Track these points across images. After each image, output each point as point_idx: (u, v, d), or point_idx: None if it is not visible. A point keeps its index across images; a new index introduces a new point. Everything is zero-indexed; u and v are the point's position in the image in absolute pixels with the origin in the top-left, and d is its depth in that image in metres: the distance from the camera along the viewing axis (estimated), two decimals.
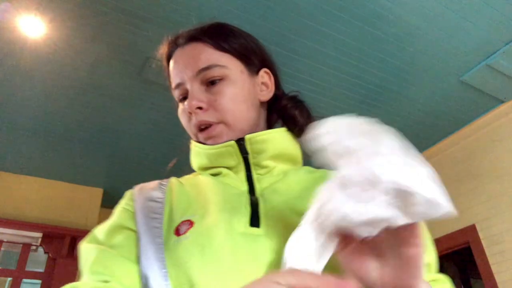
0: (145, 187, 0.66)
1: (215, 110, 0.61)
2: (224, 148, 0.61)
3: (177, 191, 0.62)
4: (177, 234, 0.53)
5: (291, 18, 2.00)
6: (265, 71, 0.68)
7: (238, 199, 0.57)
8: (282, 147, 0.63)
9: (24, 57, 2.18)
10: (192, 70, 0.62)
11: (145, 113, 2.68)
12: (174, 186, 0.64)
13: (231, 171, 0.62)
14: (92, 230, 0.61)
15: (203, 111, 0.61)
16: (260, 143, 0.61)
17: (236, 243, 0.50)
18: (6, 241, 3.14)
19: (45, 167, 3.27)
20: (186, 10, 1.96)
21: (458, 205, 2.04)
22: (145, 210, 0.59)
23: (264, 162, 0.61)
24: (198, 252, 0.50)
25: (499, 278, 2.56)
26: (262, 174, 0.62)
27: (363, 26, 2.07)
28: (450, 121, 2.91)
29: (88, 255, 0.53)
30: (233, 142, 0.60)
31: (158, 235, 0.54)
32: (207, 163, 0.64)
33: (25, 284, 3.31)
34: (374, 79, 2.45)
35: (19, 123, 2.73)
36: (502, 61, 2.32)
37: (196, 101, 0.60)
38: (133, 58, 2.23)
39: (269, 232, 0.51)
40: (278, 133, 0.63)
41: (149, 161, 3.27)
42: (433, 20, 2.05)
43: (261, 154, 0.61)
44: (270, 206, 0.55)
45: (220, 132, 0.61)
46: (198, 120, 0.61)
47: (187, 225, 0.54)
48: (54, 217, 3.31)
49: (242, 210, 0.55)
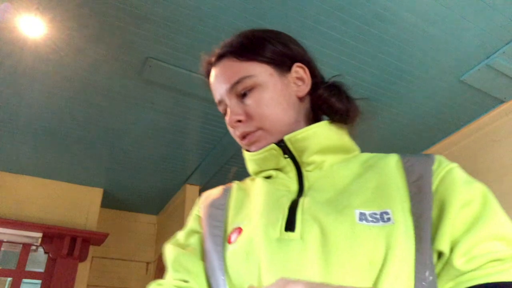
0: (212, 193, 0.71)
1: (252, 120, 0.63)
2: (267, 152, 0.63)
3: (234, 198, 0.67)
4: (229, 242, 0.58)
5: (291, 18, 2.00)
6: (298, 66, 0.67)
7: (278, 203, 0.58)
8: (325, 141, 0.62)
9: (24, 57, 2.18)
10: (225, 87, 0.65)
11: (145, 113, 2.68)
12: (234, 192, 0.68)
13: (281, 172, 0.64)
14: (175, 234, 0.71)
15: (242, 123, 0.64)
16: (300, 141, 0.61)
17: (271, 250, 0.51)
18: (6, 241, 3.14)
19: (45, 167, 3.27)
20: (186, 10, 1.96)
21: None
22: (208, 216, 0.65)
23: (310, 159, 0.62)
24: (244, 259, 0.53)
25: None
26: (310, 170, 0.62)
27: (363, 26, 2.07)
28: (450, 121, 2.91)
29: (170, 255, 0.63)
30: (274, 145, 0.62)
31: (218, 243, 0.58)
32: (256, 168, 0.67)
33: (25, 284, 3.31)
34: (374, 79, 2.45)
35: (19, 123, 2.73)
36: (502, 61, 2.32)
37: (233, 115, 0.63)
38: (133, 58, 2.23)
39: (304, 235, 0.52)
40: (318, 127, 0.62)
41: (149, 161, 3.27)
42: (433, 20, 2.05)
43: (304, 151, 0.62)
44: (308, 207, 0.55)
45: (258, 138, 0.64)
46: (240, 132, 0.65)
47: (237, 232, 0.58)
48: (54, 217, 3.31)
49: (280, 214, 0.56)
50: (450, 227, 0.48)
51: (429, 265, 0.47)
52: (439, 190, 0.52)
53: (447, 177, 0.53)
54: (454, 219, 0.49)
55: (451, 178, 0.53)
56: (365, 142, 2.62)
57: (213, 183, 3.61)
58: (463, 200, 0.50)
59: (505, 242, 0.47)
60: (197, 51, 2.20)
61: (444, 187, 0.52)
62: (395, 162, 0.59)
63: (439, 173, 0.54)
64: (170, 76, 2.35)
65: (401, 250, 0.48)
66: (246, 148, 0.67)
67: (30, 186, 3.34)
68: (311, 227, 0.52)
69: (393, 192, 0.54)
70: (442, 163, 0.56)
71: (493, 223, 0.47)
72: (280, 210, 0.56)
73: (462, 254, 0.46)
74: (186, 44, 2.15)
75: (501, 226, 0.48)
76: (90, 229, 3.40)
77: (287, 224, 0.54)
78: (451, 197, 0.50)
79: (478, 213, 0.49)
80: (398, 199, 0.53)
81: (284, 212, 0.56)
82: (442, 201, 0.51)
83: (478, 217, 0.48)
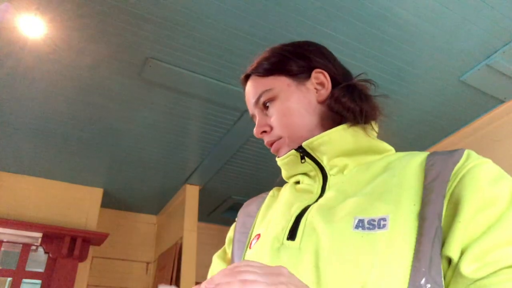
0: (251, 200, 0.77)
1: (274, 129, 0.68)
2: (288, 158, 0.66)
3: (265, 204, 0.72)
4: (250, 248, 0.62)
5: (291, 18, 2.00)
6: (317, 72, 0.69)
7: (290, 211, 0.61)
8: (341, 145, 0.62)
9: (24, 57, 2.18)
10: (252, 102, 0.71)
11: (145, 113, 2.68)
12: (267, 199, 0.73)
13: (307, 177, 0.66)
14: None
15: (267, 133, 0.69)
16: (317, 146, 0.63)
17: (271, 258, 0.54)
18: (6, 241, 3.14)
19: (45, 167, 3.27)
20: (186, 10, 1.96)
21: None
22: (240, 224, 0.70)
23: (331, 162, 0.63)
24: None
25: None
26: (334, 174, 0.63)
27: (363, 26, 2.07)
28: (450, 121, 2.91)
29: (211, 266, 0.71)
30: (293, 151, 0.65)
31: (241, 248, 0.63)
32: (285, 173, 0.71)
33: (25, 284, 3.31)
34: (374, 79, 2.44)
35: (19, 123, 2.73)
36: (502, 61, 2.32)
37: (258, 127, 0.70)
38: (133, 58, 2.23)
39: (302, 244, 0.53)
40: (333, 132, 0.62)
41: (149, 161, 3.27)
42: (433, 20, 2.05)
43: (324, 155, 0.63)
44: (311, 215, 0.56)
45: (281, 145, 0.68)
46: (266, 141, 0.70)
47: (256, 238, 0.61)
48: (54, 217, 3.31)
49: (286, 223, 0.58)
50: (462, 231, 0.44)
51: (426, 272, 0.43)
52: (456, 191, 0.48)
53: (468, 175, 0.48)
54: (467, 222, 0.44)
55: (472, 176, 0.48)
56: None
57: (213, 183, 3.61)
58: (481, 201, 0.45)
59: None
60: (197, 51, 2.20)
61: (462, 187, 0.47)
62: (420, 162, 0.55)
63: (461, 171, 0.49)
64: (170, 76, 2.35)
65: (392, 257, 0.46)
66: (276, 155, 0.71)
67: (30, 186, 3.34)
68: (310, 236, 0.53)
69: (404, 194, 0.51)
70: (469, 159, 0.51)
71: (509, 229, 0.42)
72: (287, 219, 0.59)
73: (472, 260, 0.42)
74: (186, 44, 2.15)
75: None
76: (90, 229, 3.39)
77: (290, 233, 0.56)
78: (466, 198, 0.46)
79: (499, 215, 0.43)
80: (407, 202, 0.49)
81: (291, 221, 0.58)
82: (456, 203, 0.46)
83: (498, 220, 0.43)
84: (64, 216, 3.36)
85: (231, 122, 2.81)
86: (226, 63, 2.30)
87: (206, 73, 2.36)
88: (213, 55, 2.23)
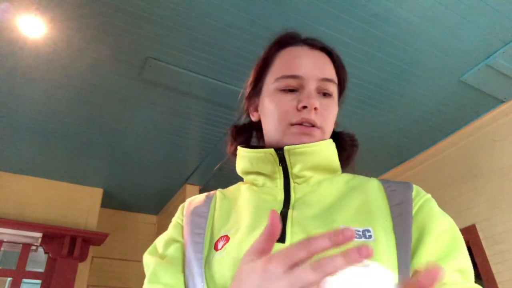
0: (194, 200, 0.71)
1: (322, 117, 0.64)
2: (264, 154, 0.64)
3: (219, 206, 0.67)
4: (216, 249, 0.58)
5: (291, 18, 2.00)
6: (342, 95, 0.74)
7: (266, 213, 0.59)
8: (321, 159, 0.64)
9: (24, 57, 2.18)
10: (319, 74, 0.65)
11: (145, 113, 2.68)
12: (218, 200, 0.68)
13: (269, 180, 0.65)
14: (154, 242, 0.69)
15: (315, 112, 0.63)
16: (298, 154, 0.63)
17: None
18: (6, 241, 3.14)
19: (45, 167, 3.27)
20: (186, 10, 1.96)
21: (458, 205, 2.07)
22: (191, 224, 0.64)
23: (302, 173, 0.63)
24: (232, 266, 0.53)
25: (499, 278, 2.56)
26: (299, 183, 0.64)
27: (363, 26, 2.07)
28: (450, 121, 2.91)
29: (148, 266, 0.62)
30: (272, 150, 0.63)
31: (199, 250, 0.59)
32: (248, 166, 0.67)
33: (25, 284, 3.31)
34: (374, 79, 2.45)
35: (19, 123, 2.73)
36: (502, 61, 2.32)
37: (317, 102, 0.63)
38: (133, 58, 2.23)
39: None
40: (318, 145, 0.64)
41: (149, 161, 3.27)
42: (433, 20, 2.05)
43: (297, 164, 0.63)
44: (297, 221, 0.57)
45: (315, 133, 0.64)
46: (307, 118, 0.63)
47: (224, 240, 0.58)
48: (54, 217, 3.31)
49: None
50: (427, 251, 0.54)
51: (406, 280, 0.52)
52: (418, 217, 0.58)
53: (425, 206, 0.60)
54: (431, 245, 0.55)
55: (429, 208, 0.60)
56: (365, 142, 2.63)
57: (213, 183, 3.61)
58: (439, 230, 0.56)
59: (462, 275, 0.54)
60: (197, 51, 2.20)
61: (423, 215, 0.58)
62: (377, 186, 0.64)
63: (418, 201, 0.60)
64: (170, 76, 2.35)
65: (383, 264, 0.51)
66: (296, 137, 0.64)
67: (30, 186, 3.34)
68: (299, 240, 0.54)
69: (376, 212, 0.58)
70: (419, 193, 0.63)
71: (459, 257, 0.55)
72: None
73: None
74: (186, 44, 2.15)
75: (464, 260, 0.55)
76: (90, 229, 3.39)
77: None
78: (430, 226, 0.57)
79: (449, 245, 0.56)
80: (380, 218, 0.57)
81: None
82: (421, 227, 0.57)
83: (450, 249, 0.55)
84: (64, 216, 3.36)
85: (231, 122, 2.81)
86: (226, 63, 2.30)
87: (206, 73, 2.36)
88: (213, 55, 2.23)
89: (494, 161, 2.76)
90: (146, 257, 0.65)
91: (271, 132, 0.67)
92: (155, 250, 0.66)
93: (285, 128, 0.64)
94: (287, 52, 0.69)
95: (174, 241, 0.65)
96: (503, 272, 2.55)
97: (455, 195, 2.93)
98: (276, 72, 0.67)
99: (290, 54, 0.68)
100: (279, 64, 0.68)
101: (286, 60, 0.68)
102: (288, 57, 0.68)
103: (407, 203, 0.60)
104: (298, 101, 0.63)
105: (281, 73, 0.66)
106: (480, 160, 2.86)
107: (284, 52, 0.69)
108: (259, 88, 0.70)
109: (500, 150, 2.75)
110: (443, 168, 3.11)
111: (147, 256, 0.65)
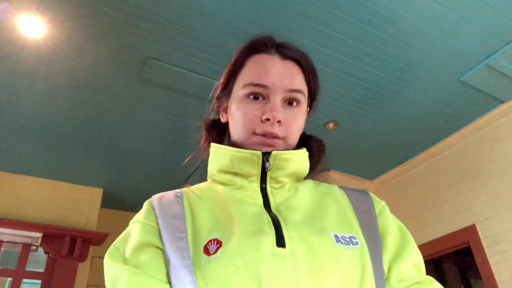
0: (163, 200, 0.66)
1: (285, 128, 0.65)
2: (250, 155, 0.63)
3: (197, 206, 0.63)
4: (207, 254, 0.54)
5: (291, 18, 2.00)
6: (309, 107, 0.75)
7: (259, 218, 0.59)
8: (300, 166, 0.67)
9: (24, 57, 2.18)
10: (287, 85, 0.66)
11: (145, 113, 2.68)
12: (192, 200, 0.65)
13: (246, 181, 0.65)
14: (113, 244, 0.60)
15: (279, 124, 0.64)
16: (283, 160, 0.64)
17: (268, 263, 0.52)
18: (6, 241, 3.14)
19: (45, 167, 3.27)
20: (186, 10, 1.96)
21: (458, 205, 2.08)
22: (169, 228, 0.59)
23: (281, 178, 0.65)
24: (233, 272, 0.51)
25: (499, 278, 2.56)
26: (276, 188, 0.65)
27: (363, 26, 2.07)
28: (450, 121, 2.91)
29: (119, 277, 0.53)
30: (260, 153, 0.63)
31: (186, 256, 0.54)
32: (228, 165, 0.65)
33: (25, 284, 3.31)
34: (374, 79, 2.45)
35: (19, 123, 2.73)
36: (502, 61, 2.32)
37: (280, 115, 0.64)
38: (133, 58, 2.23)
39: (294, 252, 0.54)
40: (300, 154, 0.67)
41: (149, 161, 3.27)
42: (433, 20, 2.05)
43: (280, 170, 0.64)
44: (291, 226, 0.58)
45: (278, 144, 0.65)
46: (269, 131, 0.64)
47: (214, 244, 0.55)
48: (54, 217, 3.31)
49: (267, 229, 0.56)
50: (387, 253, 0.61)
51: (384, 283, 0.57)
52: (380, 222, 0.64)
53: (383, 212, 0.67)
54: (388, 246, 0.62)
55: (386, 214, 0.67)
56: (365, 142, 2.63)
57: None
58: (393, 234, 0.63)
59: (417, 269, 0.62)
60: (197, 51, 2.20)
61: (381, 221, 0.65)
62: (341, 193, 0.69)
63: (377, 209, 0.67)
64: (170, 76, 2.35)
65: (371, 270, 0.56)
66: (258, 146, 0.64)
67: (30, 186, 3.34)
68: (299, 245, 0.55)
69: (349, 219, 0.62)
70: (376, 200, 0.69)
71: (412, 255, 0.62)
72: (265, 226, 0.57)
73: (395, 276, 0.59)
74: (186, 44, 2.15)
75: (417, 257, 0.63)
76: (90, 229, 3.39)
77: (277, 240, 0.55)
78: (387, 230, 0.63)
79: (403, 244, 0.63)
80: (355, 225, 0.62)
81: (271, 228, 0.57)
82: (382, 232, 0.63)
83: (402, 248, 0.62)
84: (64, 216, 3.36)
85: None
86: (226, 63, 2.29)
87: (206, 73, 2.36)
88: (213, 55, 2.23)
89: (494, 161, 2.76)
90: (111, 263, 0.56)
91: (235, 137, 0.68)
92: (119, 255, 0.57)
93: (249, 136, 0.65)
94: (258, 59, 0.70)
95: (148, 246, 0.57)
96: (503, 272, 2.55)
97: (455, 195, 2.93)
98: (245, 78, 0.68)
99: (260, 61, 0.69)
100: (249, 70, 0.69)
101: (255, 67, 0.68)
102: (258, 64, 0.69)
103: (372, 211, 0.65)
104: (263, 112, 0.64)
105: (249, 80, 0.67)
106: (480, 160, 2.86)
107: (255, 58, 0.70)
108: (228, 90, 0.73)
109: (500, 150, 2.75)
110: (443, 168, 3.11)
111: (111, 262, 0.56)
